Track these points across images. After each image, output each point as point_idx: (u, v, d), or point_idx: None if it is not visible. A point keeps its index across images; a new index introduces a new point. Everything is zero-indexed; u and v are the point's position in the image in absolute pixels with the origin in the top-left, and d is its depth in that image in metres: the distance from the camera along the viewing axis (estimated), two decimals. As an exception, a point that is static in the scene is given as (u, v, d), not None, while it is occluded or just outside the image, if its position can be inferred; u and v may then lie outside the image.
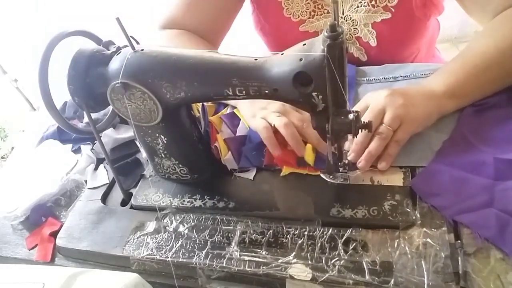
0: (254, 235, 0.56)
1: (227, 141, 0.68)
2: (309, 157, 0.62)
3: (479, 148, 0.57)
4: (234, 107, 0.75)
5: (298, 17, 0.81)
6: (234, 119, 0.72)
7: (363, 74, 0.76)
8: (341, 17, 0.79)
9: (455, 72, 0.62)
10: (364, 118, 0.57)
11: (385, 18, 0.76)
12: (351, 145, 0.59)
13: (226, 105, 0.77)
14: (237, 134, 0.70)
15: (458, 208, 0.52)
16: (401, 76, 0.73)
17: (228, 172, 0.66)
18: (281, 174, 0.62)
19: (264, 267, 0.52)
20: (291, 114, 0.63)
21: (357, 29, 0.79)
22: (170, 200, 0.64)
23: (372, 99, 0.61)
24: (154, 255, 0.57)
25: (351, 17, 0.78)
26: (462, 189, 0.53)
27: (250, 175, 0.64)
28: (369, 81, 0.74)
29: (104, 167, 0.75)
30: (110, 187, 0.71)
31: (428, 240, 0.50)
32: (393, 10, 0.75)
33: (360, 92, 0.73)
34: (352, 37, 0.81)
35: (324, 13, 0.79)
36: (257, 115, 0.64)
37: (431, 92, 0.60)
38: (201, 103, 0.70)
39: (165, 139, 0.60)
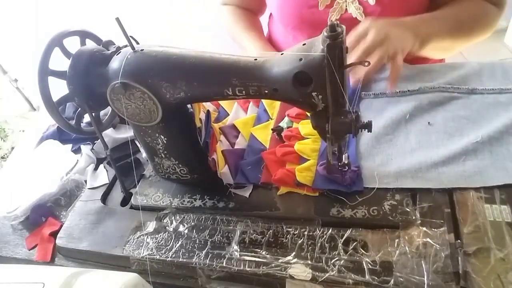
0: (254, 235, 0.56)
1: (225, 153, 0.67)
2: (307, 177, 0.60)
3: None
4: (235, 118, 0.74)
5: None
6: (233, 131, 0.71)
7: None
8: None
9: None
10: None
11: None
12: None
13: (227, 114, 0.77)
14: (236, 147, 0.69)
15: None
16: (408, 91, 0.70)
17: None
18: (278, 193, 0.61)
19: (264, 267, 0.52)
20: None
21: None
22: (170, 200, 0.64)
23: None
24: (154, 255, 0.56)
25: None
26: None
27: (246, 192, 0.62)
28: (376, 96, 0.72)
29: (104, 167, 0.75)
30: (110, 187, 0.71)
31: (428, 240, 0.50)
32: None
33: (363, 107, 0.71)
34: None
35: None
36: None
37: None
38: (206, 112, 0.70)
39: (165, 139, 0.60)
